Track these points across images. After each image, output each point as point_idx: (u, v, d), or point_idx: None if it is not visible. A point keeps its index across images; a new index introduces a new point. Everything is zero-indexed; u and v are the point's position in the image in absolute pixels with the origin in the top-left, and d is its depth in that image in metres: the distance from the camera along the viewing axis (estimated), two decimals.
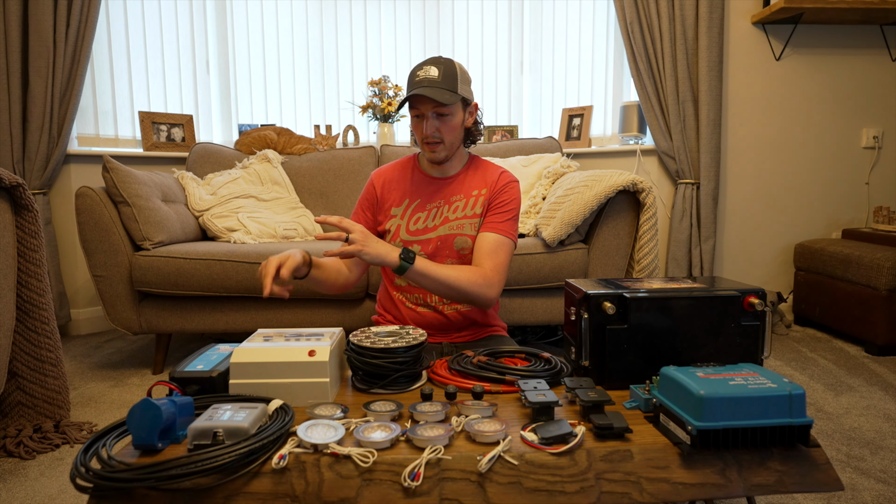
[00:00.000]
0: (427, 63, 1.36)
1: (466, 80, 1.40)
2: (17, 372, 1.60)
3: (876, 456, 1.50)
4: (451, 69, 1.35)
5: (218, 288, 2.11)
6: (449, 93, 1.33)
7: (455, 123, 1.38)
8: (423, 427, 0.83)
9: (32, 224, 1.59)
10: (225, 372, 0.97)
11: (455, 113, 1.38)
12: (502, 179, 1.47)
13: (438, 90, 1.32)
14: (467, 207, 1.45)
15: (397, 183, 1.50)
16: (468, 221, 1.44)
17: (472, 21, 3.12)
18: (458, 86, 1.35)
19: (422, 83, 1.33)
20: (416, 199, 1.47)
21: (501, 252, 1.39)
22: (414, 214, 1.46)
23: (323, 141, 2.95)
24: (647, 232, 2.14)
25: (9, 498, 1.34)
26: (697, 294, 1.00)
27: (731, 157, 2.98)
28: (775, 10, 2.70)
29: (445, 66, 1.35)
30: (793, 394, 0.78)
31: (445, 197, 1.46)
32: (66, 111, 2.63)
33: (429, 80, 1.33)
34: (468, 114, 1.43)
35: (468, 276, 1.32)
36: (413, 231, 1.45)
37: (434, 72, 1.33)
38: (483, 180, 1.47)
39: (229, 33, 3.05)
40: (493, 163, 1.53)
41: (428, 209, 1.46)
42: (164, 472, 0.70)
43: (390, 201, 1.48)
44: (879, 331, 2.34)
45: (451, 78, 1.34)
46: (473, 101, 1.44)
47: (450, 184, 1.48)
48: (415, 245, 1.45)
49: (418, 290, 1.45)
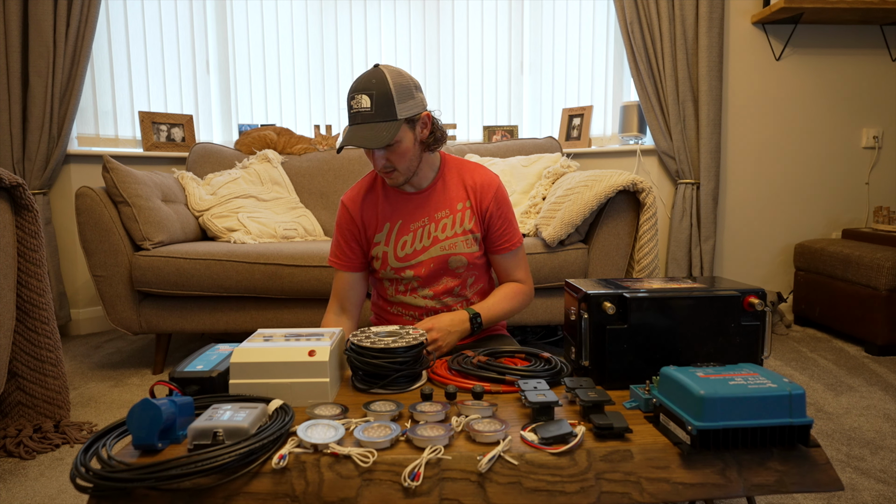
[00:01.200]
0: (359, 90, 1.22)
1: (408, 93, 1.25)
2: (17, 372, 1.60)
3: (876, 456, 1.50)
4: (385, 92, 1.21)
5: (218, 288, 2.11)
6: (386, 125, 1.21)
7: (404, 149, 1.27)
8: (423, 427, 0.83)
9: (32, 224, 1.59)
10: (225, 372, 0.97)
11: (402, 139, 1.25)
12: (488, 191, 1.38)
13: (372, 130, 1.21)
14: (456, 224, 1.37)
15: (371, 207, 1.40)
16: (460, 239, 1.37)
17: (472, 21, 3.12)
18: (395, 110, 1.22)
19: (355, 119, 1.23)
20: (396, 220, 1.38)
21: (523, 259, 1.48)
22: (399, 239, 1.38)
23: (323, 141, 2.95)
24: (647, 232, 2.14)
25: (9, 498, 1.34)
26: (697, 294, 1.00)
27: (731, 157, 2.98)
28: (775, 10, 2.70)
29: (378, 91, 1.21)
30: (793, 394, 0.78)
31: (429, 214, 1.38)
32: (66, 111, 2.63)
33: (362, 115, 1.22)
34: (420, 127, 1.30)
35: (520, 301, 1.45)
36: (402, 257, 1.38)
37: (366, 102, 1.21)
38: (463, 189, 1.39)
39: (229, 33, 3.05)
40: (465, 160, 1.44)
41: (413, 230, 1.38)
42: (164, 472, 0.70)
43: (371, 227, 1.40)
44: (879, 331, 2.34)
45: (386, 104, 1.21)
46: (423, 112, 1.30)
47: (428, 198, 1.39)
48: (407, 271, 1.38)
49: (413, 307, 1.43)
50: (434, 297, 1.41)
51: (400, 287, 1.43)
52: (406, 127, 1.26)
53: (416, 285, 1.41)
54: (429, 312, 1.42)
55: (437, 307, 1.42)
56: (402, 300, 1.44)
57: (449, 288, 1.41)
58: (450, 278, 1.40)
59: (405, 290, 1.43)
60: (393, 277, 1.41)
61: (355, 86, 1.23)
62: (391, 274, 1.40)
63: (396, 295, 1.44)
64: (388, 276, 1.41)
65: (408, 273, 1.39)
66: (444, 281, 1.40)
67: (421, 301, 1.42)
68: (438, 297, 1.41)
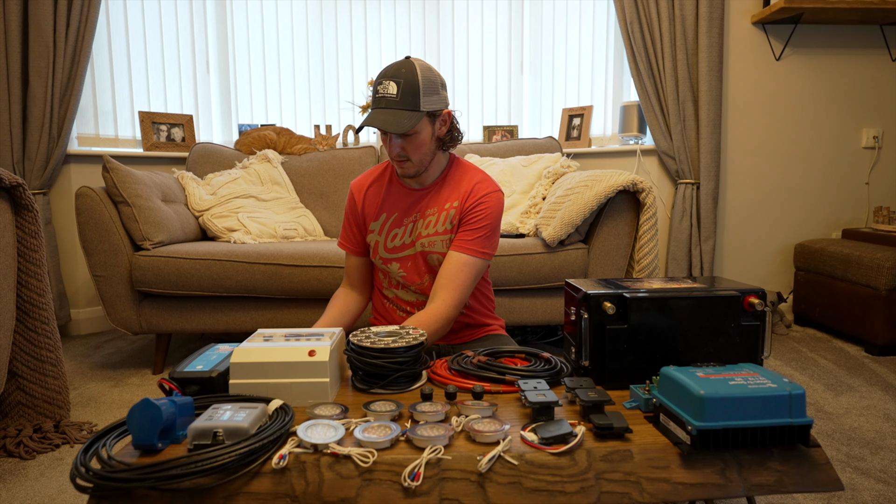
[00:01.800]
0: (388, 76, 1.24)
1: (434, 88, 1.27)
2: (17, 372, 1.60)
3: (876, 456, 1.50)
4: (413, 83, 1.22)
5: (218, 288, 2.11)
6: (408, 114, 1.22)
7: (421, 141, 1.28)
8: (423, 427, 0.83)
9: (32, 224, 1.59)
10: (225, 372, 0.97)
11: (421, 130, 1.27)
12: (476, 192, 1.36)
13: (394, 116, 1.22)
14: (439, 223, 1.38)
15: (374, 194, 1.44)
16: (439, 238, 1.38)
17: (472, 21, 3.12)
18: (420, 101, 1.23)
19: (379, 103, 1.24)
20: (392, 213, 1.41)
21: (463, 273, 1.33)
22: (391, 230, 1.41)
23: (323, 141, 2.95)
24: (647, 232, 2.14)
25: (9, 498, 1.34)
26: (697, 294, 1.00)
27: (731, 157, 2.98)
28: (775, 10, 2.70)
29: (406, 81, 1.22)
30: (793, 394, 0.78)
31: (421, 210, 1.39)
32: (66, 111, 2.63)
33: (386, 101, 1.23)
34: (440, 123, 1.32)
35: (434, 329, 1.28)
36: (391, 248, 1.41)
37: (392, 89, 1.22)
38: (457, 191, 1.38)
39: (229, 33, 3.05)
40: (475, 167, 1.44)
41: (405, 224, 1.40)
42: (164, 472, 0.70)
43: (370, 216, 1.43)
44: (879, 331, 2.34)
45: (412, 94, 1.22)
46: (445, 110, 1.32)
47: (426, 195, 1.40)
48: (393, 264, 1.41)
49: (406, 302, 1.44)
50: (420, 292, 1.43)
51: (392, 280, 1.45)
52: (427, 120, 1.28)
53: (401, 280, 1.43)
54: (419, 308, 1.43)
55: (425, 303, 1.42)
56: (395, 293, 1.46)
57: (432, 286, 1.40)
58: (431, 276, 1.41)
59: (396, 284, 1.45)
60: (382, 268, 1.44)
61: (384, 72, 1.26)
62: (380, 264, 1.43)
63: (390, 287, 1.46)
64: (379, 265, 1.45)
65: (393, 266, 1.41)
66: (426, 279, 1.41)
67: (412, 296, 1.44)
68: (424, 294, 1.42)
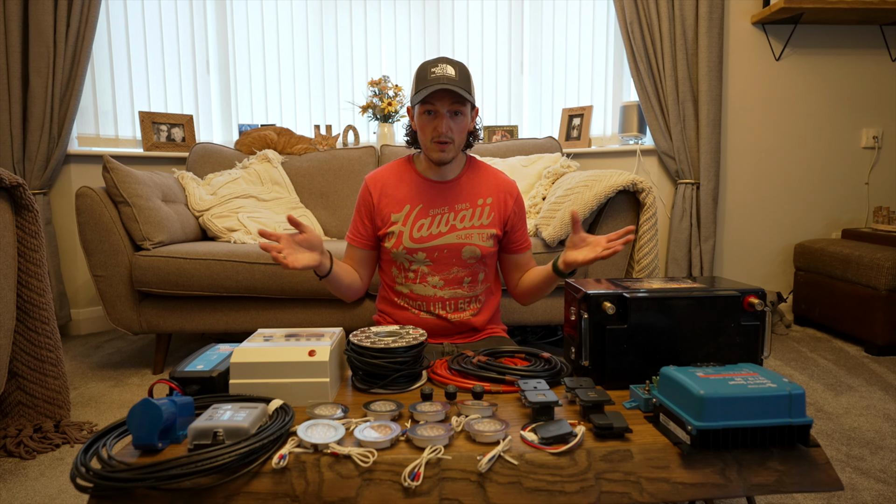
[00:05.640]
0: (441, 61, 1.35)
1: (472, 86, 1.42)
2: (17, 372, 1.60)
3: (876, 456, 1.50)
4: (465, 72, 1.36)
5: (218, 288, 2.11)
6: (466, 93, 1.33)
7: (465, 125, 1.40)
8: (423, 427, 0.83)
9: (32, 224, 1.59)
10: (225, 372, 0.97)
11: (467, 114, 1.39)
12: (511, 195, 1.49)
13: (458, 87, 1.31)
14: (475, 217, 1.44)
15: (394, 188, 1.46)
16: (476, 232, 1.43)
17: (472, 21, 3.12)
18: (471, 87, 1.37)
19: (439, 80, 1.31)
20: (417, 204, 1.44)
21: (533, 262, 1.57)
22: (417, 221, 1.43)
23: (323, 141, 2.95)
24: (647, 232, 2.14)
25: (9, 498, 1.34)
26: (697, 294, 1.00)
27: (731, 156, 2.98)
28: (775, 10, 2.70)
29: (460, 68, 1.35)
30: (793, 394, 0.78)
31: (449, 203, 1.44)
32: (67, 111, 2.63)
33: (447, 79, 1.32)
34: (473, 116, 1.45)
35: None
36: (417, 238, 1.42)
37: (451, 71, 1.33)
38: (488, 188, 1.47)
39: (229, 33, 3.05)
40: (489, 165, 1.54)
41: (432, 215, 1.43)
42: (164, 472, 0.70)
43: (389, 207, 1.45)
44: (879, 331, 2.34)
45: (466, 81, 1.35)
46: (476, 107, 1.46)
47: (451, 188, 1.46)
48: (419, 252, 1.42)
49: (422, 297, 1.45)
50: (445, 286, 1.43)
51: (409, 274, 1.45)
52: (469, 108, 1.41)
53: (427, 270, 1.43)
54: (436, 304, 1.43)
55: (445, 298, 1.44)
56: (411, 288, 1.45)
57: (459, 278, 1.44)
58: (460, 268, 1.43)
59: (415, 277, 1.44)
60: (403, 259, 1.44)
61: (438, 59, 1.36)
62: (402, 254, 1.43)
63: (406, 283, 1.46)
64: (400, 256, 1.44)
65: (419, 255, 1.42)
66: (454, 271, 1.43)
67: (430, 290, 1.44)
68: (448, 287, 1.43)
